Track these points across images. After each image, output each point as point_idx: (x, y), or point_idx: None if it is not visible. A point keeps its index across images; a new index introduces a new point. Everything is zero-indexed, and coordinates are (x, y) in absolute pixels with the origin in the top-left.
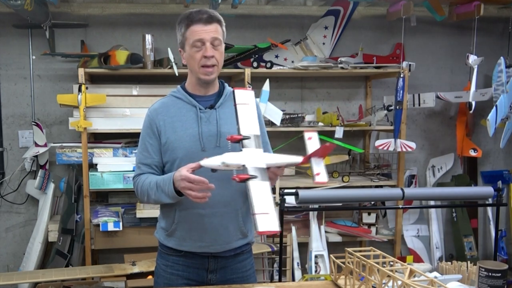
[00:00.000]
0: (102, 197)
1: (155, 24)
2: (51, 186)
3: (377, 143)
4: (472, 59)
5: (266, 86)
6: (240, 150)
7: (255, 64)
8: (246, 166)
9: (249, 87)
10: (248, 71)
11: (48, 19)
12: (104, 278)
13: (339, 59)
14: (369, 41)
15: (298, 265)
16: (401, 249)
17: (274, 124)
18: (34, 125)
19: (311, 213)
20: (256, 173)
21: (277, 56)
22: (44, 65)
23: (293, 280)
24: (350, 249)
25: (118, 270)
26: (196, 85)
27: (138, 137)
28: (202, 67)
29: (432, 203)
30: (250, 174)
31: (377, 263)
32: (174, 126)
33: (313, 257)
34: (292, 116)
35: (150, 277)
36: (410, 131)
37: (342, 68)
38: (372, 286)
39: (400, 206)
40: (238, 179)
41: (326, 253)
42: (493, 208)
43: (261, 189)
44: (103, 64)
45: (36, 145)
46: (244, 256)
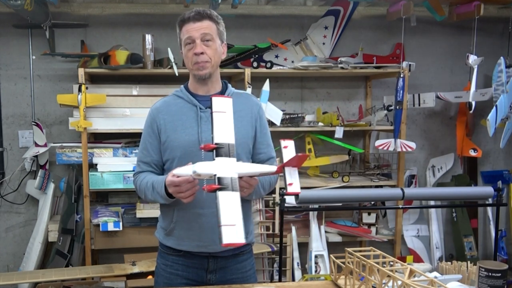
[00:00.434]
0: (102, 197)
1: (155, 24)
2: (51, 186)
3: (377, 143)
4: (472, 59)
5: (266, 86)
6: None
7: (255, 64)
8: (217, 176)
9: (249, 87)
10: (248, 71)
11: (48, 19)
12: (104, 278)
13: (339, 59)
14: (369, 41)
15: (298, 265)
16: (401, 249)
17: (274, 124)
18: (34, 125)
19: (311, 213)
20: (226, 183)
21: (277, 56)
22: (44, 65)
23: (293, 280)
24: (350, 249)
25: (118, 270)
26: (196, 84)
27: (138, 137)
28: (195, 64)
29: (432, 203)
30: (220, 184)
31: (377, 263)
32: (175, 125)
33: (313, 257)
34: (292, 116)
35: (150, 277)
36: (410, 131)
37: (342, 68)
38: (372, 286)
39: (400, 206)
40: (206, 189)
41: (326, 253)
42: (493, 208)
43: (230, 200)
44: (103, 64)
45: (36, 145)
46: (244, 256)
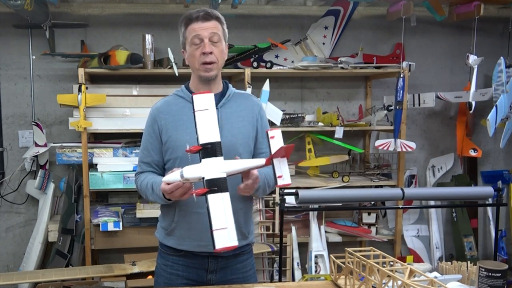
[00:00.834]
0: (102, 197)
1: (155, 24)
2: (51, 186)
3: (377, 143)
4: (472, 59)
5: (266, 86)
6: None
7: (255, 64)
8: (205, 179)
9: (249, 87)
10: (248, 71)
11: (48, 19)
12: (104, 278)
13: (339, 59)
14: (369, 41)
15: (298, 265)
16: (401, 249)
17: (274, 124)
18: (34, 125)
19: (311, 213)
20: (215, 185)
21: (277, 56)
22: (44, 65)
23: (293, 280)
24: (350, 249)
25: (118, 270)
26: (199, 84)
27: (138, 137)
28: (202, 64)
29: (432, 203)
30: (208, 187)
31: (377, 263)
32: (176, 124)
33: (313, 257)
34: (292, 116)
35: (150, 277)
36: (410, 131)
37: (342, 68)
38: (372, 286)
39: (400, 206)
40: (195, 194)
41: (326, 253)
42: (493, 208)
43: (220, 202)
44: (103, 64)
45: (36, 145)
46: (245, 256)
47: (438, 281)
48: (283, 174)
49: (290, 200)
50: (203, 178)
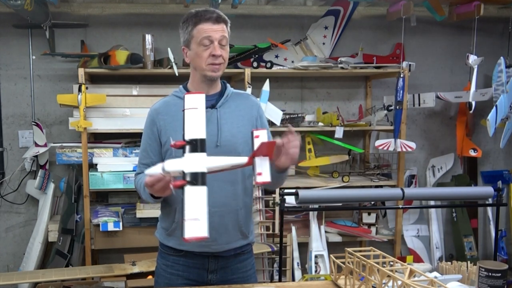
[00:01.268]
0: (102, 197)
1: (155, 24)
2: (51, 186)
3: (377, 143)
4: (472, 59)
5: (266, 86)
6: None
7: (255, 64)
8: (185, 172)
9: (249, 87)
10: (248, 71)
11: (48, 19)
12: (104, 278)
13: (339, 59)
14: (369, 41)
15: (298, 265)
16: (401, 249)
17: (274, 124)
18: (34, 125)
19: (311, 213)
20: (194, 178)
21: (277, 56)
22: (44, 65)
23: (293, 280)
24: (350, 249)
25: (118, 270)
26: (200, 83)
27: (138, 137)
28: (210, 64)
29: (432, 203)
30: (187, 180)
31: (377, 263)
32: (175, 125)
33: (313, 257)
34: (292, 116)
35: (150, 277)
36: (410, 131)
37: (342, 68)
38: (372, 286)
39: (400, 206)
40: (173, 186)
41: (326, 253)
42: (493, 208)
43: (196, 195)
44: (103, 64)
45: (36, 145)
46: (245, 256)
47: (438, 281)
48: (262, 171)
49: (290, 200)
50: (183, 171)
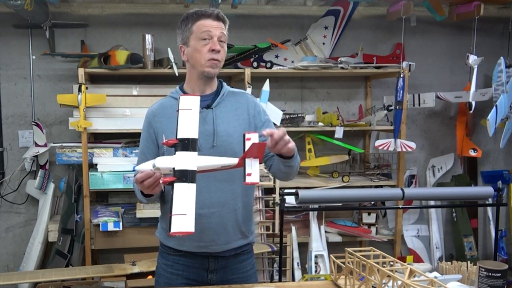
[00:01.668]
0: (102, 197)
1: (155, 24)
2: (51, 186)
3: (377, 143)
4: (472, 59)
5: (266, 86)
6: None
7: (255, 64)
8: (175, 169)
9: (249, 87)
10: (248, 71)
11: (48, 19)
12: (104, 278)
13: (339, 59)
14: (369, 41)
15: (298, 265)
16: (401, 249)
17: (274, 124)
18: (34, 125)
19: (311, 213)
20: (183, 175)
21: (277, 56)
22: (44, 65)
23: (293, 280)
24: (350, 249)
25: (118, 270)
26: (196, 82)
27: (138, 137)
28: (209, 60)
29: (432, 203)
30: (177, 176)
31: (377, 263)
32: (172, 127)
33: (313, 257)
34: (292, 116)
35: (150, 277)
36: (410, 131)
37: (342, 68)
38: (372, 286)
39: (400, 206)
40: (162, 182)
41: (326, 253)
42: (493, 208)
43: (185, 191)
44: (103, 64)
45: (36, 145)
46: (245, 256)
47: (438, 281)
48: (252, 172)
49: (290, 200)
50: (173, 168)
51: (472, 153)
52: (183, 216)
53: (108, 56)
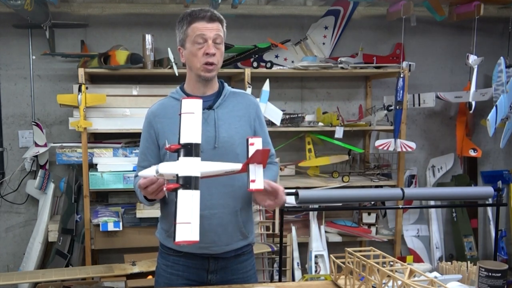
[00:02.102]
0: (102, 197)
1: (155, 24)
2: (51, 186)
3: (377, 143)
4: (472, 59)
5: (266, 86)
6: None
7: (255, 64)
8: (179, 175)
9: (249, 87)
10: (248, 71)
11: (48, 19)
12: (104, 278)
13: (339, 59)
14: (369, 41)
15: (298, 265)
16: (401, 249)
17: (274, 124)
18: (34, 125)
19: (311, 213)
20: (187, 182)
21: (277, 56)
22: (44, 65)
23: (293, 280)
24: (350, 249)
25: (118, 270)
26: (196, 84)
27: (138, 137)
28: (204, 64)
29: (432, 203)
30: (180, 183)
31: (377, 263)
32: (172, 128)
33: (313, 257)
34: (292, 116)
35: (150, 277)
36: (410, 131)
37: (342, 68)
38: (372, 286)
39: (400, 206)
40: (166, 189)
41: (326, 253)
42: (493, 208)
43: (189, 199)
44: (103, 64)
45: (36, 145)
46: (245, 257)
47: (438, 281)
48: (256, 178)
49: (290, 200)
50: (177, 175)
51: (472, 153)
52: (188, 225)
53: (108, 56)
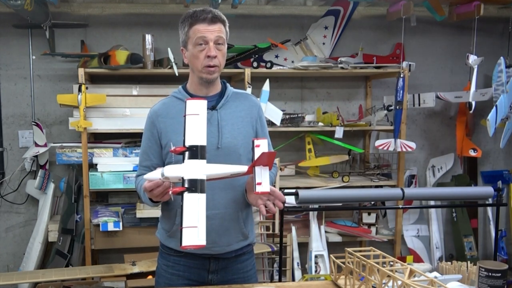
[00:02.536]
0: (102, 197)
1: (155, 24)
2: (51, 186)
3: (377, 143)
4: (472, 59)
5: (266, 86)
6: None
7: (255, 64)
8: (184, 178)
9: (249, 87)
10: (248, 71)
11: (48, 19)
12: (104, 278)
13: (339, 59)
14: (369, 41)
15: (298, 265)
16: (401, 249)
17: (274, 124)
18: (34, 125)
19: (311, 213)
20: (193, 185)
21: (277, 56)
22: (44, 65)
23: (293, 280)
24: (350, 249)
25: (118, 270)
26: (198, 85)
27: (138, 137)
28: (205, 67)
29: (432, 203)
30: (186, 186)
31: (377, 263)
32: (175, 127)
33: (313, 257)
34: (292, 116)
35: (150, 277)
36: (410, 131)
37: (342, 68)
38: (372, 286)
39: (400, 206)
40: (172, 192)
41: (326, 253)
42: (493, 208)
43: (195, 202)
44: (103, 64)
45: (36, 145)
46: (245, 256)
47: (438, 281)
48: (262, 181)
49: (290, 200)
50: (182, 178)
51: (472, 153)
52: (194, 229)
53: (108, 56)
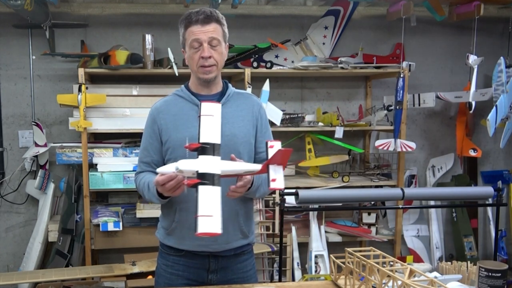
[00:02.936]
0: (102, 197)
1: (155, 24)
2: (51, 186)
3: (377, 143)
4: (472, 59)
5: (266, 86)
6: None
7: (255, 64)
8: (199, 172)
9: (249, 87)
10: (248, 71)
11: (48, 19)
12: (104, 278)
13: (339, 59)
14: (369, 41)
15: (298, 265)
16: (401, 249)
17: (274, 124)
18: (34, 125)
19: (311, 213)
20: (207, 178)
21: (277, 56)
22: (44, 65)
23: (293, 280)
24: (350, 249)
25: (118, 270)
26: (198, 85)
27: (138, 137)
28: (200, 67)
29: (432, 203)
30: (201, 179)
31: (377, 263)
32: (176, 124)
33: (313, 257)
34: (292, 116)
35: (150, 277)
36: (410, 131)
37: (342, 68)
38: (372, 286)
39: (400, 206)
40: (187, 184)
41: (326, 253)
42: (493, 208)
43: (210, 193)
44: (103, 64)
45: (36, 145)
46: (245, 256)
47: (438, 281)
48: (277, 178)
49: (290, 200)
50: (197, 171)
51: (472, 153)
52: (210, 217)
53: (108, 56)
